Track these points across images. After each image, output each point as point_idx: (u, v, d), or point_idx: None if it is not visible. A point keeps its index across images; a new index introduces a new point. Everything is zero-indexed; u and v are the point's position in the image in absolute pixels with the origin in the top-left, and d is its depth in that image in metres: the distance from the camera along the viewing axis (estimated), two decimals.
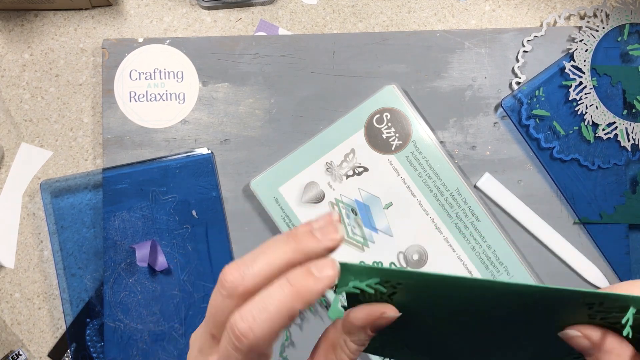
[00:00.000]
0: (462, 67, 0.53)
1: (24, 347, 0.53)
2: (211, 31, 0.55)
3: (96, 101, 0.54)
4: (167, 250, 0.52)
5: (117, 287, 0.51)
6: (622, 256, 0.51)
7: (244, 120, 0.53)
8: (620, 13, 0.52)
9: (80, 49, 0.55)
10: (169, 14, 0.55)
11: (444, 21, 0.54)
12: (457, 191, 0.51)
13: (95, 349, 0.51)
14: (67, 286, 0.52)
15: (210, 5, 0.54)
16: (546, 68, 0.52)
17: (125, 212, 0.52)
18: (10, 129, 0.54)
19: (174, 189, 0.52)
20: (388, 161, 0.51)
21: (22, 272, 0.53)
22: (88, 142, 0.54)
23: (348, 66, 0.53)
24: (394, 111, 0.51)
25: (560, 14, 0.54)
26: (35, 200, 0.54)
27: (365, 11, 0.55)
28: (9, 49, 0.55)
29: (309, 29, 0.55)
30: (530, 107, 0.52)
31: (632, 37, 0.52)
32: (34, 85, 0.54)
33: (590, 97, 0.51)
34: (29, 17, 0.55)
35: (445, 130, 0.53)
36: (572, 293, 0.25)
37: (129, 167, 0.52)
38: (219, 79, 0.53)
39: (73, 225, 0.52)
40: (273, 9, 0.55)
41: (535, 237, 0.52)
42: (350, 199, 0.51)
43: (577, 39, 0.52)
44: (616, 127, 0.51)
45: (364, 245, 0.51)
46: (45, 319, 0.53)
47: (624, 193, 0.51)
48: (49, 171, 0.54)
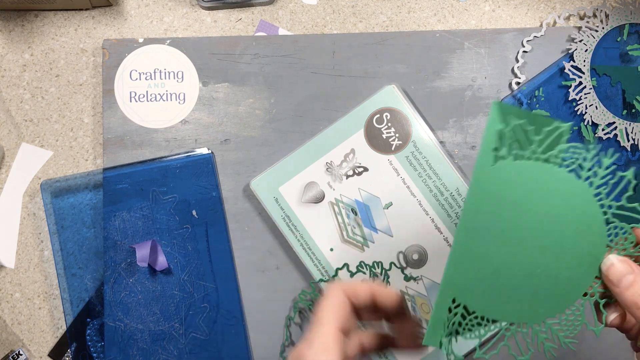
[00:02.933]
0: (462, 67, 0.53)
1: (24, 346, 0.53)
2: (211, 31, 0.55)
3: (96, 101, 0.54)
4: (167, 250, 0.52)
5: (118, 287, 0.51)
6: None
7: (244, 120, 0.53)
8: (619, 13, 0.52)
9: (80, 49, 0.55)
10: (169, 14, 0.55)
11: (443, 21, 0.55)
12: (457, 191, 0.51)
13: (96, 348, 0.51)
14: (67, 286, 0.52)
15: (211, 6, 0.54)
16: (546, 68, 0.52)
17: (125, 212, 0.52)
18: (10, 129, 0.54)
19: (174, 189, 0.52)
20: (388, 161, 0.51)
21: (22, 272, 0.53)
22: (88, 142, 0.54)
23: (348, 66, 0.53)
24: (394, 111, 0.51)
25: (560, 14, 0.54)
26: (36, 200, 0.54)
27: (365, 11, 0.55)
28: (9, 49, 0.55)
29: (309, 29, 0.55)
30: (530, 107, 0.52)
31: (631, 38, 0.52)
32: (35, 85, 0.54)
33: (590, 97, 0.51)
34: (30, 17, 0.55)
35: (445, 130, 0.53)
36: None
37: (129, 167, 0.52)
38: (219, 79, 0.53)
39: (73, 225, 0.52)
40: (273, 9, 0.55)
41: None
42: (350, 199, 0.51)
43: (576, 39, 0.52)
44: (616, 127, 0.51)
45: (363, 245, 0.51)
46: (46, 318, 0.53)
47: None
48: (49, 171, 0.54)
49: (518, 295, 0.31)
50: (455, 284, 0.31)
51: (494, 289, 0.31)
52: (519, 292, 0.31)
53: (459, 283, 0.31)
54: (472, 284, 0.31)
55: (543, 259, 0.31)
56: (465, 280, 0.31)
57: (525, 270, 0.31)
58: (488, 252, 0.31)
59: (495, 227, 0.31)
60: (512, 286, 0.31)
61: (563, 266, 0.31)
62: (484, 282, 0.31)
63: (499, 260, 0.31)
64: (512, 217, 0.30)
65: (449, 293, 0.32)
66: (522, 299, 0.31)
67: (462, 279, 0.31)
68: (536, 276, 0.31)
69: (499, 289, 0.31)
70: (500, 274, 0.31)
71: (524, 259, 0.31)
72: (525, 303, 0.31)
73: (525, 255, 0.31)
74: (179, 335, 0.51)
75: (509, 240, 0.31)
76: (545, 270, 0.31)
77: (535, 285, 0.31)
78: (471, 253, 0.31)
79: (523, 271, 0.31)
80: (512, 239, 0.31)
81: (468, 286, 0.31)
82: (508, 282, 0.31)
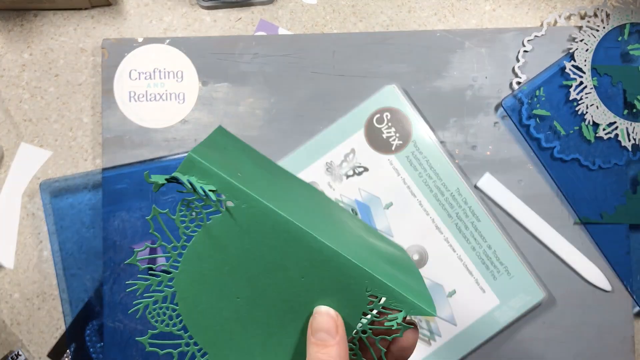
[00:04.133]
0: (463, 66, 0.53)
1: (24, 347, 0.53)
2: (211, 31, 0.55)
3: (96, 101, 0.54)
4: None
5: (117, 288, 0.51)
6: (622, 256, 0.51)
7: (243, 120, 0.53)
8: (620, 13, 0.52)
9: (79, 48, 0.55)
10: (169, 14, 0.55)
11: (444, 21, 0.54)
12: (457, 191, 0.50)
13: (95, 349, 0.51)
14: (66, 286, 0.52)
15: (210, 5, 0.54)
16: (547, 68, 0.52)
17: (124, 212, 0.52)
18: (9, 128, 0.54)
19: (173, 189, 0.52)
20: (388, 161, 0.51)
21: (21, 272, 0.53)
22: (87, 142, 0.54)
23: (348, 66, 0.53)
24: (394, 111, 0.51)
25: (561, 13, 0.54)
26: (35, 200, 0.54)
27: (366, 11, 0.54)
28: (8, 49, 0.54)
29: (309, 28, 0.54)
30: (530, 107, 0.51)
31: (632, 37, 0.52)
32: (34, 85, 0.54)
33: (591, 97, 0.51)
34: (29, 17, 0.55)
35: (445, 130, 0.52)
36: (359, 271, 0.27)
37: (128, 167, 0.52)
38: (219, 79, 0.53)
39: (72, 225, 0.52)
40: (273, 8, 0.55)
41: (535, 237, 0.52)
42: (350, 199, 0.51)
43: (577, 39, 0.52)
44: (617, 127, 0.51)
45: None
46: (45, 319, 0.53)
47: (625, 193, 0.51)
48: (48, 171, 0.54)
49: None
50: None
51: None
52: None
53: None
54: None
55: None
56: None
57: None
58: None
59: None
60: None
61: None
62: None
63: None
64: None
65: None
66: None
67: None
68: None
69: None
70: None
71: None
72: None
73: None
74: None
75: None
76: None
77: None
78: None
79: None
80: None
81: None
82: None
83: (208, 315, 0.30)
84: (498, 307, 0.50)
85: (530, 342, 0.51)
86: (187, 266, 0.30)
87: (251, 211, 0.28)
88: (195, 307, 0.30)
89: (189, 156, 0.28)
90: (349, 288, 0.29)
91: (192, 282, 0.29)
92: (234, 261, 0.29)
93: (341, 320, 0.29)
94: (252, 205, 0.28)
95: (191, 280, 0.29)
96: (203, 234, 0.29)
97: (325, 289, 0.29)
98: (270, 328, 0.30)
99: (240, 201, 0.28)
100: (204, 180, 0.28)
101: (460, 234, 0.50)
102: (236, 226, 0.28)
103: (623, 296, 0.51)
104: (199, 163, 0.28)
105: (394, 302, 0.28)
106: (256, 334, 0.30)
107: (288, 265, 0.28)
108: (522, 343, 0.51)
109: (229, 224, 0.29)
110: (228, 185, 0.28)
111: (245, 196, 0.28)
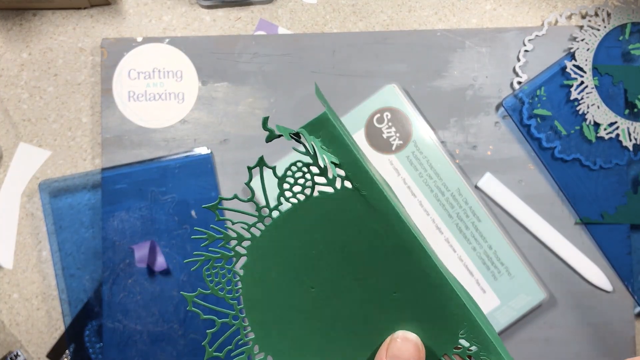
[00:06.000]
0: (463, 66, 0.53)
1: (23, 348, 0.53)
2: (210, 30, 0.54)
3: (95, 101, 0.54)
4: (166, 251, 0.51)
5: (116, 288, 0.51)
6: (623, 256, 0.51)
7: (243, 120, 0.53)
8: (621, 12, 0.52)
9: (79, 48, 0.54)
10: (168, 13, 0.55)
11: (444, 20, 0.54)
12: (457, 191, 0.50)
13: (94, 349, 0.51)
14: (65, 287, 0.51)
15: (210, 4, 0.54)
16: (547, 67, 0.52)
17: (124, 212, 0.52)
18: (8, 128, 0.54)
19: (173, 189, 0.52)
20: (388, 161, 0.51)
21: (20, 273, 0.53)
22: (87, 142, 0.54)
23: (348, 66, 0.53)
24: (395, 111, 0.51)
25: (562, 13, 0.53)
26: (34, 201, 0.54)
27: (366, 10, 0.54)
28: (7, 48, 0.54)
29: (309, 28, 0.54)
30: (531, 106, 0.51)
31: (633, 37, 0.52)
32: (33, 84, 0.54)
33: (592, 97, 0.51)
34: (28, 16, 0.55)
35: (446, 130, 0.52)
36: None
37: (127, 167, 0.52)
38: (219, 79, 0.53)
39: (72, 225, 0.52)
40: (273, 8, 0.54)
41: (536, 238, 0.51)
42: None
43: (578, 38, 0.52)
44: (618, 126, 0.51)
45: None
46: (44, 319, 0.53)
47: (626, 193, 0.51)
48: (47, 171, 0.54)
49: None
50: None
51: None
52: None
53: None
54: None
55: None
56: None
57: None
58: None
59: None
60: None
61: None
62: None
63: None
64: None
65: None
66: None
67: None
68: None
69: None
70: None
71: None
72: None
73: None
74: (178, 337, 0.51)
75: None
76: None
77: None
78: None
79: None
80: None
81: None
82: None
83: (271, 295, 0.26)
84: (499, 308, 0.50)
85: (531, 343, 0.51)
86: (272, 233, 0.26)
87: (368, 201, 0.24)
88: (260, 281, 0.26)
89: (324, 115, 0.24)
90: (443, 323, 0.25)
91: (268, 253, 0.26)
92: (325, 248, 0.25)
93: (424, 354, 0.25)
94: (373, 197, 0.24)
95: (269, 250, 0.26)
96: (303, 206, 0.25)
97: (416, 314, 0.25)
98: (335, 332, 0.26)
99: (362, 186, 0.24)
100: (329, 149, 0.24)
101: (461, 234, 0.50)
102: (344, 212, 0.25)
103: (624, 296, 0.51)
104: (332, 127, 0.24)
105: (484, 355, 0.25)
106: (316, 333, 0.26)
107: (385, 274, 0.25)
108: (523, 343, 0.51)
109: (336, 206, 0.25)
110: (354, 164, 0.24)
111: (370, 183, 0.24)
